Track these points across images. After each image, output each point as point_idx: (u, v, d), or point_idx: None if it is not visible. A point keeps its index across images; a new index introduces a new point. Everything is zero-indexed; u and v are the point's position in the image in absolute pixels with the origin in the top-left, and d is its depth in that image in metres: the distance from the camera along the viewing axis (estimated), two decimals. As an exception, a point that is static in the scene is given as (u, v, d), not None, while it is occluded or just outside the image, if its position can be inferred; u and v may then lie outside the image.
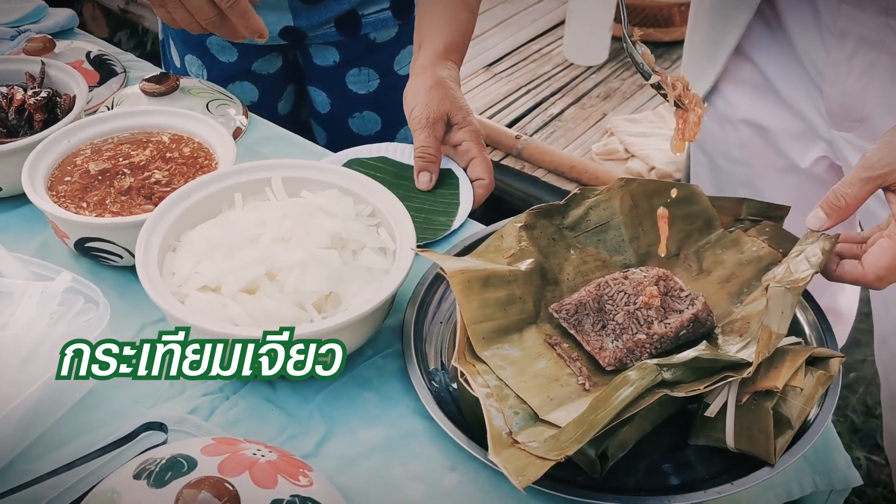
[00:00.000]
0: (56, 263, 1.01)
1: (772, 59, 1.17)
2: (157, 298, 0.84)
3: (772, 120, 1.22)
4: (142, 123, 1.13)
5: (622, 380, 0.74)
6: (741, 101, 1.24)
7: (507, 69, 2.85)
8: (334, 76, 1.44)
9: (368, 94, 1.45)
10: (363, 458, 0.83)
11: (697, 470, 0.83)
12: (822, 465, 0.91)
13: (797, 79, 1.16)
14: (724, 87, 1.25)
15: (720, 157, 1.31)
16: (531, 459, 0.71)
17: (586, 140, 2.50)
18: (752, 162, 1.28)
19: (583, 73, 2.81)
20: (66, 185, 1.04)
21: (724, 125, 1.27)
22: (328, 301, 0.87)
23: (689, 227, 0.97)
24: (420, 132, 1.10)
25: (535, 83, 2.77)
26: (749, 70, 1.21)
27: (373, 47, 1.41)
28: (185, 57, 1.48)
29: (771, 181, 1.27)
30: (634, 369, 0.74)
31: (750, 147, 1.26)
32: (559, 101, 2.68)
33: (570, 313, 0.85)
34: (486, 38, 3.01)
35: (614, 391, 0.73)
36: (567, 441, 0.72)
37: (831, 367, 0.84)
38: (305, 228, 0.89)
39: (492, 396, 0.77)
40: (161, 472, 0.72)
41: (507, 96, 2.70)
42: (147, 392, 0.89)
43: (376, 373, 0.92)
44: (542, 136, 2.51)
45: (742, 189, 1.30)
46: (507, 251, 0.89)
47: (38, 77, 1.21)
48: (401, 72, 1.43)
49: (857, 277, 0.86)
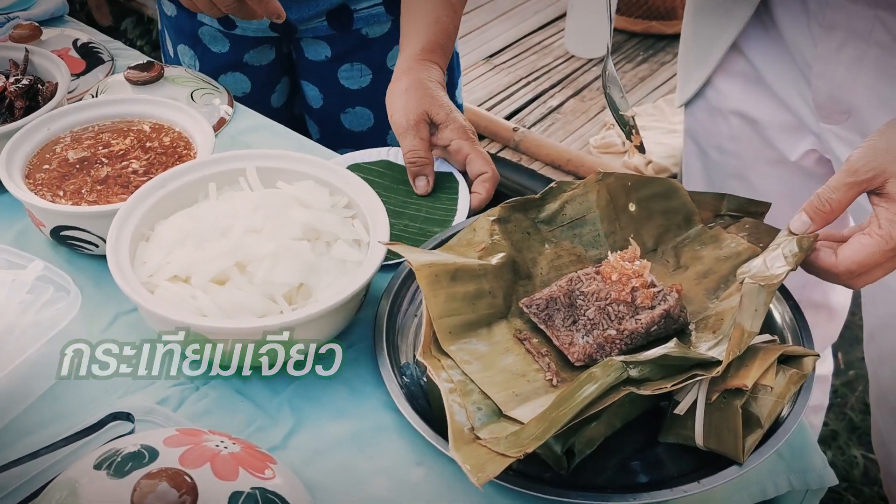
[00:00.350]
0: (33, 252, 1.01)
1: (762, 52, 1.17)
2: (126, 288, 0.84)
3: (762, 112, 1.21)
4: (123, 112, 1.13)
5: (587, 376, 0.73)
6: (732, 92, 1.23)
7: (508, 61, 2.84)
8: (326, 71, 1.43)
9: (361, 90, 1.44)
10: (330, 451, 0.83)
11: (668, 468, 0.82)
12: (797, 465, 0.90)
13: (787, 71, 1.15)
14: (716, 79, 1.24)
15: (711, 149, 1.31)
16: (491, 456, 0.70)
17: (585, 133, 2.48)
18: (742, 154, 1.27)
19: (583, 66, 2.80)
20: (45, 172, 1.03)
21: (716, 116, 1.27)
22: (299, 293, 0.87)
23: (667, 221, 0.96)
24: (404, 137, 1.09)
25: (535, 75, 2.76)
26: (740, 62, 1.20)
27: (365, 42, 1.40)
28: (177, 47, 1.48)
29: (761, 173, 1.27)
30: (600, 366, 0.74)
31: (740, 139, 1.25)
32: (559, 94, 2.67)
33: (541, 308, 0.85)
34: (488, 30, 3.00)
35: (578, 388, 0.72)
36: (528, 438, 0.71)
37: (805, 365, 0.83)
38: (277, 220, 0.89)
39: (455, 391, 0.76)
40: (122, 462, 0.72)
41: (507, 88, 2.69)
42: (117, 382, 0.89)
43: (348, 365, 0.91)
44: (540, 129, 2.49)
45: (733, 181, 1.30)
46: (478, 245, 0.88)
47: (22, 64, 1.21)
48: (394, 68, 1.42)
49: (829, 267, 0.84)
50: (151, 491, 0.67)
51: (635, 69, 2.78)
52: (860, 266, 0.81)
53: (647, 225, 0.96)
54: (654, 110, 2.45)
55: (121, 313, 0.96)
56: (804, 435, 0.90)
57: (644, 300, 0.84)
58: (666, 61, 2.76)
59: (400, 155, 1.15)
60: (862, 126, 1.08)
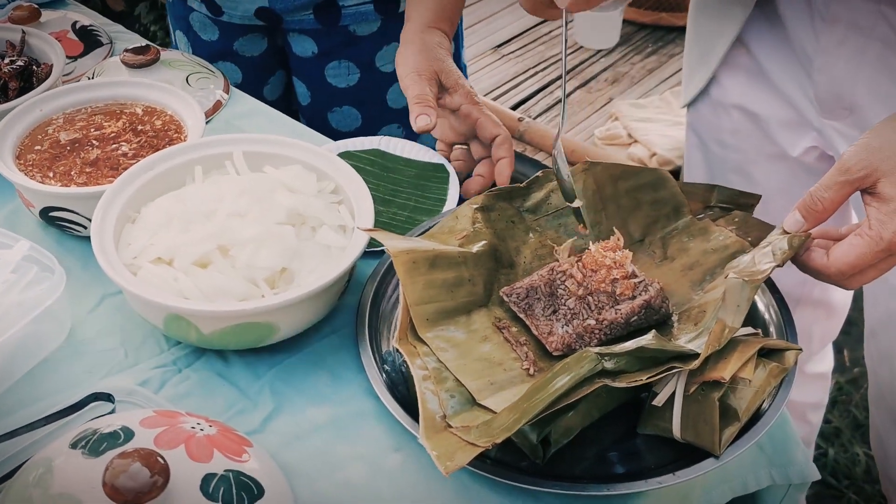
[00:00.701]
0: (23, 232, 1.02)
1: (765, 45, 1.16)
2: (109, 269, 0.84)
3: (763, 107, 1.20)
4: (117, 94, 1.13)
5: (561, 367, 0.73)
6: (734, 86, 1.22)
7: (516, 51, 2.83)
8: (313, 67, 1.42)
9: (348, 89, 1.42)
10: (308, 435, 0.83)
11: (646, 459, 0.82)
12: (779, 459, 0.90)
13: (789, 66, 1.14)
14: (719, 72, 1.23)
15: (713, 143, 1.30)
16: (462, 445, 0.70)
17: (590, 124, 2.47)
18: (743, 148, 1.26)
19: (592, 57, 2.79)
20: (36, 153, 1.04)
21: (718, 110, 1.26)
22: (282, 277, 0.87)
23: (655, 212, 0.96)
24: (415, 85, 1.06)
25: (543, 65, 2.75)
26: (743, 55, 1.19)
27: (353, 39, 1.38)
28: (175, 33, 1.48)
29: (762, 168, 1.26)
30: (574, 357, 0.73)
31: (742, 133, 1.25)
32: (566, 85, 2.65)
33: (521, 297, 0.84)
34: (497, 19, 2.99)
35: (552, 379, 0.72)
36: (498, 428, 0.71)
37: (787, 359, 0.82)
38: (262, 204, 0.89)
39: (428, 379, 0.76)
40: (97, 442, 0.72)
41: (514, 78, 2.69)
42: (100, 363, 0.89)
43: (331, 351, 0.91)
44: (546, 119, 2.49)
45: (733, 175, 1.29)
46: (460, 232, 0.87)
47: (18, 46, 1.21)
48: (383, 68, 1.41)
49: (820, 267, 0.84)
50: (124, 470, 0.67)
51: (643, 61, 2.76)
52: (851, 267, 0.80)
53: (634, 215, 0.95)
54: (660, 102, 2.43)
55: (107, 295, 0.97)
56: (786, 429, 0.90)
57: (624, 290, 0.83)
58: (675, 53, 2.74)
59: (392, 144, 1.15)
60: (863, 122, 1.07)
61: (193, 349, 0.90)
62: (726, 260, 0.90)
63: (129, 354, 0.90)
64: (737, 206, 0.96)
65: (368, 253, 0.98)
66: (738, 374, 0.77)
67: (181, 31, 1.45)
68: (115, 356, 0.90)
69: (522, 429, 0.77)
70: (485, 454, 0.78)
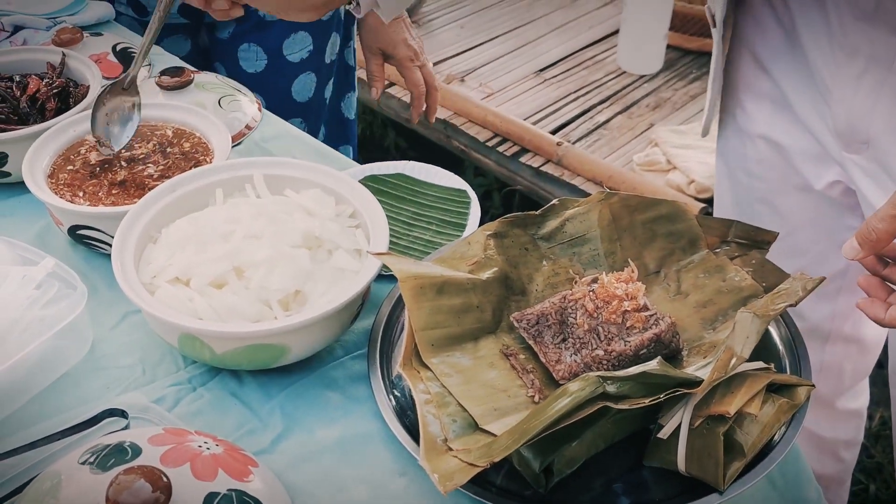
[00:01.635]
0: (53, 249, 1.05)
1: (788, 75, 1.15)
2: (127, 288, 0.86)
3: (787, 138, 1.19)
4: (148, 116, 1.16)
5: (562, 391, 0.73)
6: (759, 115, 1.22)
7: (558, 75, 2.83)
8: (228, 50, 1.44)
9: (255, 75, 1.45)
10: (315, 457, 0.84)
11: (652, 492, 0.81)
12: (791, 495, 0.88)
13: (811, 97, 1.13)
14: (745, 100, 1.23)
15: (739, 172, 1.30)
16: (461, 466, 0.71)
17: (630, 150, 2.46)
18: (769, 178, 1.25)
19: (634, 82, 2.78)
20: (68, 173, 1.07)
21: (744, 139, 1.25)
22: (295, 299, 0.88)
23: (671, 244, 0.95)
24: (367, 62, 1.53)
25: (585, 90, 2.75)
26: (768, 84, 1.19)
27: (263, 24, 1.40)
28: None
29: (788, 199, 1.25)
30: (576, 380, 0.73)
31: (767, 163, 1.24)
32: (607, 110, 2.65)
33: (531, 323, 0.85)
34: (541, 43, 3.00)
35: (553, 401, 0.72)
36: (498, 449, 0.71)
37: (798, 395, 0.81)
38: (277, 227, 0.90)
39: (430, 403, 0.77)
40: (105, 457, 0.74)
41: (555, 102, 2.69)
42: (118, 379, 0.91)
43: (343, 374, 0.92)
44: (585, 144, 2.48)
45: (760, 205, 1.28)
46: (471, 259, 0.88)
47: (58, 67, 1.25)
48: (290, 57, 1.44)
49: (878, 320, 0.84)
50: (127, 487, 0.69)
51: (687, 87, 2.75)
52: None
53: (650, 247, 0.95)
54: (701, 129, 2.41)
55: (129, 312, 0.99)
56: (798, 465, 0.88)
57: (635, 323, 0.83)
58: (715, 78, 2.73)
59: (416, 169, 1.16)
60: (881, 156, 1.06)
61: (209, 368, 0.92)
62: (740, 303, 0.90)
63: (146, 372, 0.92)
64: (754, 242, 0.96)
65: (385, 277, 0.99)
66: (744, 410, 0.76)
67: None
68: (134, 373, 0.92)
69: (525, 457, 0.77)
70: (490, 482, 0.79)
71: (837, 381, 1.46)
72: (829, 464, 1.58)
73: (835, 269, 1.27)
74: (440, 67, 2.85)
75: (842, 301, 1.33)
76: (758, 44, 1.17)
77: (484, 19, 3.14)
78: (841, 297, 1.32)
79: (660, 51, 2.81)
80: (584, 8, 3.21)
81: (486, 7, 3.21)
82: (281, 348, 0.86)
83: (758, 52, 1.17)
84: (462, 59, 2.92)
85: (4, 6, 1.49)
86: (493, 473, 0.79)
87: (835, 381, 1.46)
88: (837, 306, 1.34)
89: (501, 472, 0.80)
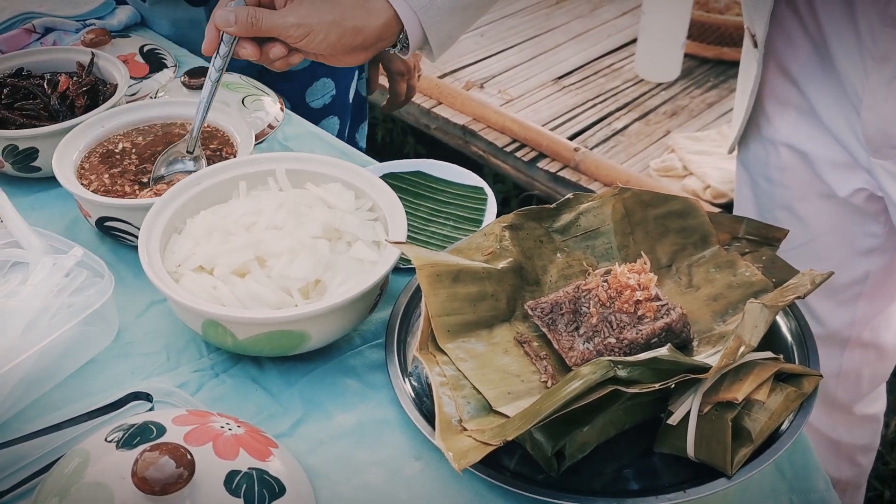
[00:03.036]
0: (81, 241, 1.07)
1: (816, 84, 1.16)
2: (153, 276, 0.89)
3: (813, 146, 1.20)
4: (175, 114, 1.19)
5: (574, 374, 0.75)
6: (784, 124, 1.23)
7: (577, 82, 2.86)
8: None
9: None
10: (333, 441, 0.86)
11: (662, 478, 0.83)
12: (799, 485, 0.90)
13: (839, 105, 1.14)
14: (769, 108, 1.24)
15: (761, 178, 1.31)
16: (475, 445, 0.73)
17: (647, 156, 2.48)
18: (791, 185, 1.26)
19: (652, 90, 2.80)
20: (96, 167, 1.10)
21: (767, 146, 1.27)
22: (315, 288, 0.91)
23: (683, 240, 0.97)
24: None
25: (603, 97, 2.77)
26: (794, 93, 1.20)
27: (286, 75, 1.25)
28: None
29: (810, 206, 1.26)
30: (588, 364, 0.75)
31: (790, 170, 1.25)
32: (624, 117, 2.67)
33: (545, 311, 0.87)
34: (559, 51, 3.03)
35: (565, 384, 0.74)
36: (511, 428, 0.73)
37: (805, 385, 0.83)
38: (298, 218, 0.93)
39: (446, 385, 0.79)
40: (131, 436, 0.77)
41: (573, 108, 2.71)
42: (143, 365, 0.94)
43: (362, 362, 0.94)
44: (602, 150, 2.50)
45: (781, 212, 1.29)
46: (486, 249, 0.90)
47: (87, 66, 1.28)
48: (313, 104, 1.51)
49: None
50: (153, 462, 0.71)
51: (704, 95, 2.77)
52: None
53: (662, 241, 0.97)
54: (717, 135, 2.43)
55: (154, 301, 1.02)
56: (807, 456, 0.90)
57: (647, 312, 0.85)
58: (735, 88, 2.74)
59: (433, 166, 1.19)
60: None
61: (231, 355, 0.95)
62: (750, 297, 0.91)
63: (170, 358, 0.95)
64: (764, 239, 0.97)
65: (403, 270, 1.02)
66: (751, 397, 0.78)
67: None
68: (158, 359, 0.95)
69: (538, 441, 0.79)
70: (503, 467, 0.81)
71: (856, 386, 1.47)
72: (845, 469, 1.59)
73: (855, 275, 1.28)
74: (460, 74, 2.88)
75: (861, 307, 1.34)
76: (785, 55, 1.18)
77: (504, 28, 3.17)
78: (860, 303, 1.33)
79: (677, 59, 2.83)
80: (603, 17, 3.24)
81: (506, 16, 3.24)
82: (301, 335, 0.88)
83: (785, 62, 1.19)
84: (482, 66, 2.95)
85: (35, 9, 1.53)
86: (506, 458, 0.81)
87: (853, 387, 1.47)
88: (857, 312, 1.35)
89: (515, 457, 0.82)
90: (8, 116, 1.17)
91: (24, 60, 1.30)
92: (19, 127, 1.17)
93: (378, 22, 0.98)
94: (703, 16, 2.87)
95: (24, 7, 1.53)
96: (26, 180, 1.20)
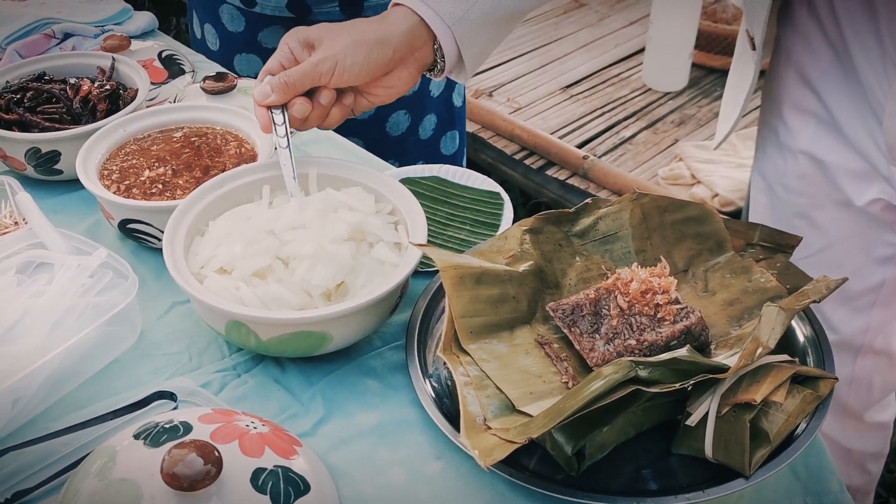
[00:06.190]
0: (103, 243, 1.08)
1: (836, 92, 1.16)
2: (177, 277, 0.90)
3: (831, 155, 1.20)
4: (194, 118, 1.20)
5: (596, 374, 0.76)
6: (802, 132, 1.23)
7: (585, 91, 2.87)
8: None
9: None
10: (354, 440, 0.87)
11: (680, 478, 0.84)
12: (814, 487, 0.91)
13: (859, 113, 1.14)
14: (788, 115, 1.24)
15: (778, 186, 1.31)
16: (500, 443, 0.74)
17: (654, 164, 2.50)
18: (808, 193, 1.27)
19: (659, 99, 2.82)
20: (118, 171, 1.11)
21: (785, 154, 1.27)
22: (338, 290, 0.92)
23: (699, 245, 0.99)
24: None
25: (611, 106, 2.79)
26: (813, 101, 1.20)
27: None
28: (204, 26, 1.55)
29: (827, 214, 1.26)
30: (610, 365, 0.77)
31: (807, 178, 1.25)
32: (632, 125, 2.69)
33: (567, 313, 0.88)
34: (568, 60, 3.04)
35: (587, 384, 0.75)
36: (535, 427, 0.74)
37: (821, 387, 0.84)
38: (322, 221, 0.94)
39: (470, 385, 0.80)
40: (158, 434, 0.78)
41: (582, 117, 2.73)
42: (166, 365, 0.95)
43: (382, 363, 0.96)
44: (610, 159, 2.52)
45: (797, 220, 1.29)
46: (507, 252, 0.92)
47: (108, 71, 1.30)
48: None
49: None
50: (181, 459, 0.72)
51: (711, 104, 2.78)
52: None
53: (678, 246, 0.98)
54: (725, 144, 2.44)
55: (177, 303, 1.03)
56: (822, 458, 0.91)
57: (666, 315, 0.86)
58: (743, 97, 2.76)
59: (451, 172, 1.20)
60: None
61: (253, 356, 0.96)
62: (764, 302, 0.93)
63: (193, 358, 0.96)
64: (777, 246, 0.99)
65: (422, 273, 1.03)
66: (769, 398, 0.79)
67: (210, 24, 1.52)
68: (181, 359, 0.96)
69: (558, 441, 0.81)
70: (523, 466, 0.82)
71: (867, 393, 1.47)
72: (856, 475, 1.60)
73: (871, 283, 1.29)
74: (469, 83, 2.89)
75: (875, 315, 1.34)
76: (805, 62, 1.18)
77: (512, 37, 3.19)
78: (875, 311, 1.34)
79: (685, 69, 2.84)
80: (611, 27, 3.26)
81: (514, 25, 3.26)
82: (323, 336, 0.89)
83: (805, 69, 1.19)
84: (490, 74, 2.97)
85: (54, 15, 1.55)
86: (526, 457, 0.83)
87: (864, 394, 1.47)
88: (871, 320, 1.35)
89: (534, 457, 0.83)
90: (31, 120, 1.19)
91: (46, 65, 1.32)
92: (42, 130, 1.18)
93: (400, 28, 0.99)
94: (711, 26, 2.88)
95: (42, 13, 1.55)
96: (48, 183, 1.21)
